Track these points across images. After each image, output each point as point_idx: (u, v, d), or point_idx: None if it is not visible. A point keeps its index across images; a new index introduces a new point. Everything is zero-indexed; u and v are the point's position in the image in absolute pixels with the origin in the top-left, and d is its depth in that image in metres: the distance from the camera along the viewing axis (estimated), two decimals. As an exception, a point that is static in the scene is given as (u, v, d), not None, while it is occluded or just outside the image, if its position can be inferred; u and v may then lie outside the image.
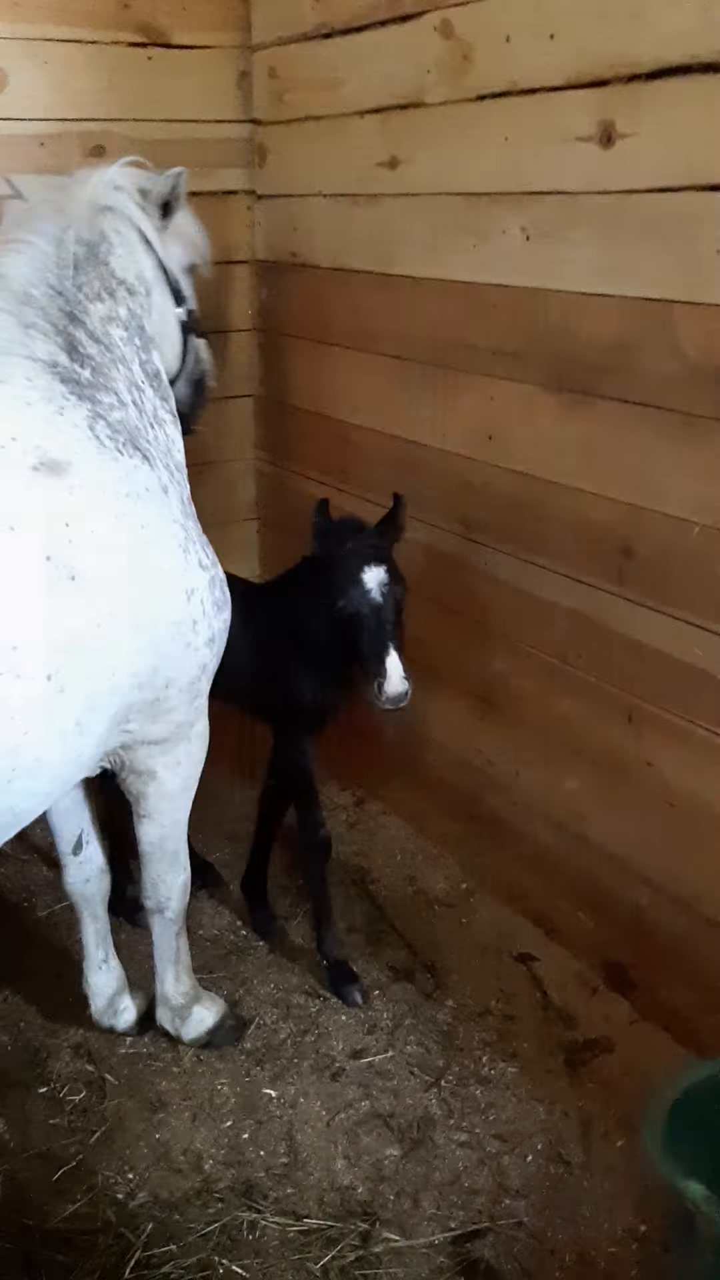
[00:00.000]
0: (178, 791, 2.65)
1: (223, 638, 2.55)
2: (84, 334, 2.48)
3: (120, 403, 2.43)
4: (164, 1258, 2.42)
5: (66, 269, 2.55)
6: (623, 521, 2.84)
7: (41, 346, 2.38)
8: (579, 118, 2.73)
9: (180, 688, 2.44)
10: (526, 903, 3.45)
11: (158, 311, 2.77)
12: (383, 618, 2.81)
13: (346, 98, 3.54)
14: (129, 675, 2.28)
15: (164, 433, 2.56)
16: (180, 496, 2.48)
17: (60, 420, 2.26)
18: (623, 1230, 2.53)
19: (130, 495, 2.29)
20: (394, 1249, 2.47)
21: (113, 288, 2.62)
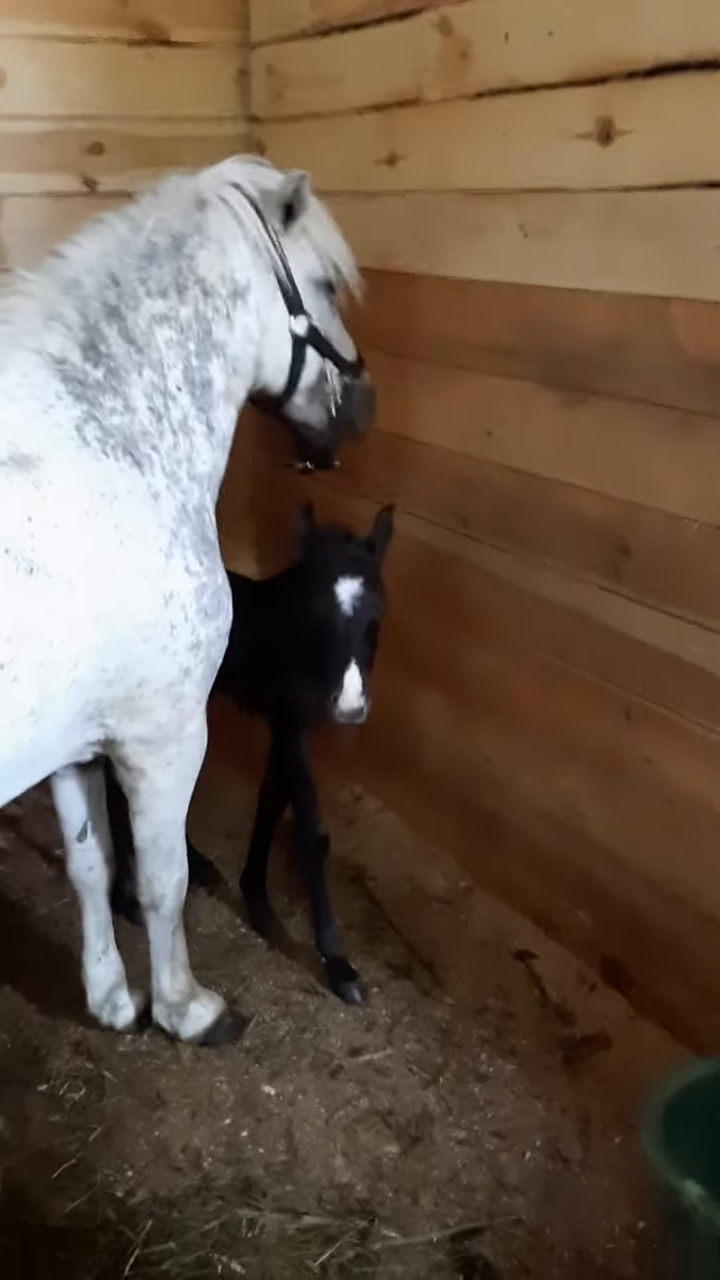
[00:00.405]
0: (170, 790, 2.66)
1: (215, 645, 2.54)
2: (115, 331, 2.45)
3: (126, 408, 2.42)
4: (163, 1255, 2.42)
5: (138, 258, 2.52)
6: (620, 518, 2.84)
7: (55, 340, 2.39)
8: (577, 115, 2.73)
9: (157, 689, 2.44)
10: (524, 900, 3.46)
11: (258, 319, 2.67)
12: (350, 630, 2.79)
13: (345, 95, 3.54)
14: (94, 670, 2.30)
15: (188, 442, 2.54)
16: (179, 505, 2.46)
17: (43, 418, 2.29)
18: (620, 1227, 2.54)
19: (106, 495, 2.30)
20: (392, 1246, 2.47)
21: (185, 285, 2.55)
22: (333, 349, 2.83)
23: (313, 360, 2.80)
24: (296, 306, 2.72)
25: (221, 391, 2.63)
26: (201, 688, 2.57)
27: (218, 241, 2.59)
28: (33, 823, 3.89)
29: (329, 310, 2.84)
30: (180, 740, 2.58)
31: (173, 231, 2.56)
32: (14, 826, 3.90)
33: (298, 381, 2.80)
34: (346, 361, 2.88)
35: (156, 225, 2.55)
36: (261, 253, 2.65)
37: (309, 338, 2.76)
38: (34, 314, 2.42)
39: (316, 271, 2.77)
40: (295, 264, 2.71)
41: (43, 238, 3.65)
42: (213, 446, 2.61)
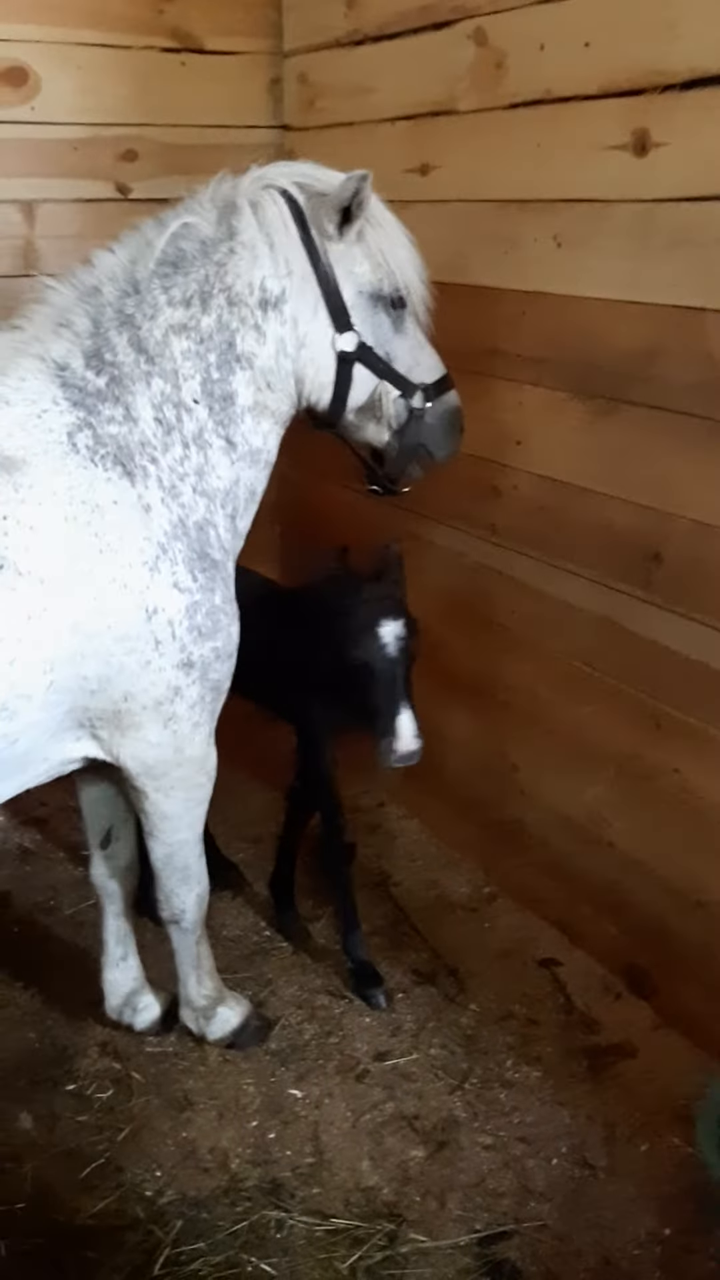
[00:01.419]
0: (175, 814, 2.64)
1: (213, 666, 2.48)
2: (124, 340, 2.40)
3: (127, 417, 2.38)
4: (193, 1255, 2.45)
5: (164, 265, 2.43)
6: (651, 527, 2.85)
7: (59, 347, 2.39)
8: (612, 126, 2.74)
9: (144, 705, 2.42)
10: (549, 908, 3.47)
11: (294, 332, 2.51)
12: (397, 674, 2.75)
13: (377, 104, 3.56)
14: (74, 677, 2.30)
15: (201, 456, 2.46)
16: (174, 519, 2.40)
17: (35, 422, 2.30)
18: (646, 1233, 2.55)
19: (88, 504, 2.29)
20: (420, 1249, 2.49)
21: (209, 294, 2.44)
22: (391, 369, 2.62)
23: (363, 380, 2.61)
24: (343, 322, 2.53)
25: (248, 406, 2.51)
26: (200, 711, 2.51)
27: (249, 248, 2.45)
28: (58, 823, 3.92)
29: (390, 327, 2.61)
30: (180, 764, 2.54)
31: (203, 237, 2.46)
32: (40, 827, 3.93)
33: (344, 402, 2.62)
34: (411, 383, 2.66)
35: (186, 231, 2.46)
36: (299, 261, 2.48)
37: (358, 355, 2.57)
38: (45, 320, 2.43)
39: (372, 284, 2.56)
40: (347, 275, 2.52)
41: (75, 243, 3.73)
42: (232, 462, 2.52)
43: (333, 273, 2.51)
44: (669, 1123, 2.79)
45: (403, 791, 4.07)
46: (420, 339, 2.70)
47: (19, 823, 3.96)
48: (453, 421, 2.79)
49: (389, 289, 2.57)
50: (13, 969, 3.29)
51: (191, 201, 2.52)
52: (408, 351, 2.66)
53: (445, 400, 2.76)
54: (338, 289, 2.52)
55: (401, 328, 2.64)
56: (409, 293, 2.60)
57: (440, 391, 2.74)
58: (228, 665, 2.54)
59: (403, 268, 2.58)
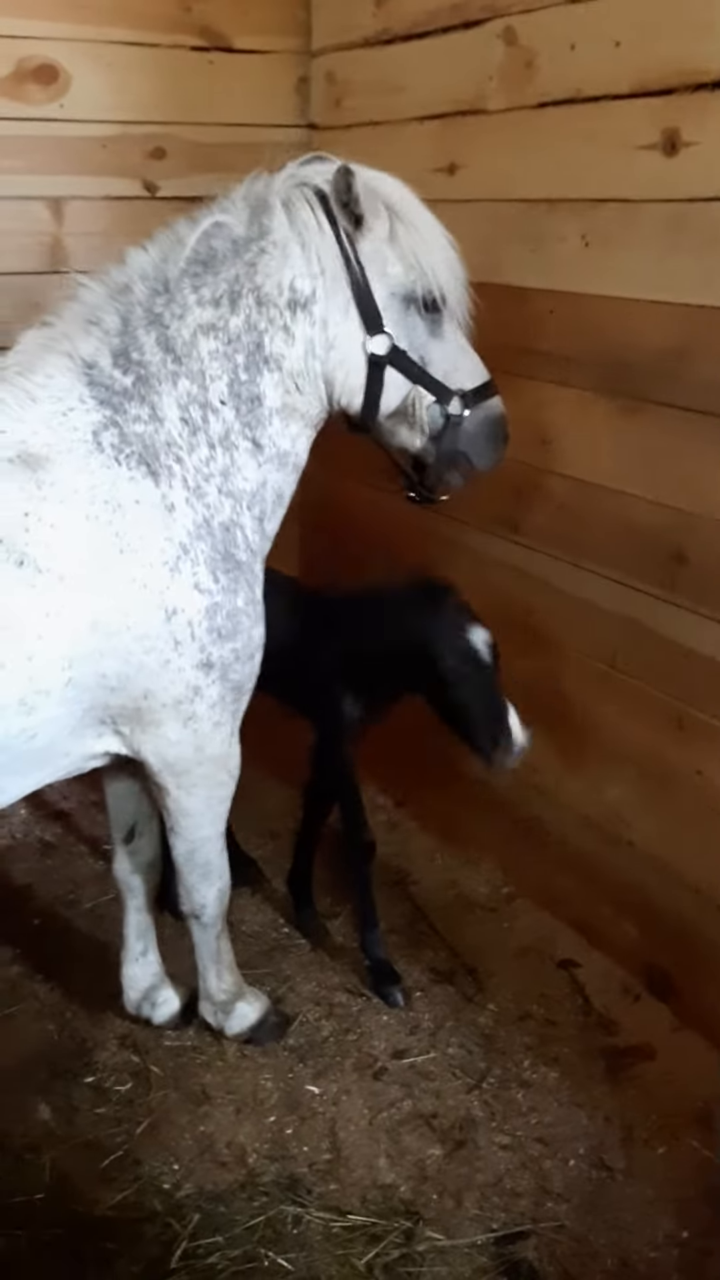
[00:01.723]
0: (196, 811, 2.64)
1: (233, 668, 2.47)
2: (152, 339, 2.38)
3: (153, 417, 2.37)
4: (210, 1248, 2.45)
5: (195, 264, 2.41)
6: (675, 527, 2.84)
7: (88, 345, 2.38)
8: (642, 126, 2.74)
9: (163, 703, 2.42)
10: (568, 908, 3.46)
11: (324, 334, 2.46)
12: (493, 677, 2.81)
13: (406, 103, 3.56)
14: (93, 675, 2.30)
15: (227, 457, 2.45)
16: (198, 519, 2.40)
17: (60, 420, 2.31)
18: (664, 1236, 2.54)
19: (110, 503, 2.29)
20: (437, 1248, 2.49)
21: (239, 294, 2.41)
22: (426, 374, 2.55)
23: (396, 384, 2.54)
24: (374, 324, 2.47)
25: (275, 408, 2.48)
26: (221, 711, 2.50)
27: (280, 247, 2.41)
28: (80, 817, 3.94)
29: (425, 330, 2.53)
30: (201, 763, 2.54)
31: (234, 236, 2.43)
32: (61, 821, 3.94)
33: (377, 406, 2.56)
34: (448, 389, 2.58)
35: (217, 230, 2.43)
36: (331, 261, 2.43)
37: (390, 359, 2.50)
38: (75, 318, 2.42)
39: (405, 286, 2.49)
40: (379, 276, 2.46)
41: (103, 241, 3.76)
42: (259, 464, 2.50)
43: (364, 274, 2.45)
44: (688, 1125, 2.78)
45: (422, 790, 4.07)
46: (460, 343, 2.62)
47: (41, 816, 3.98)
48: (494, 430, 2.69)
49: (422, 291, 2.50)
50: (34, 962, 3.31)
51: (225, 200, 2.49)
52: (445, 356, 2.58)
53: (486, 407, 2.66)
54: (369, 290, 2.46)
55: (438, 331, 2.56)
56: (445, 296, 2.52)
57: (481, 398, 2.64)
58: (249, 666, 2.53)
59: (437, 270, 2.49)
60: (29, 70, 3.59)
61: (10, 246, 3.67)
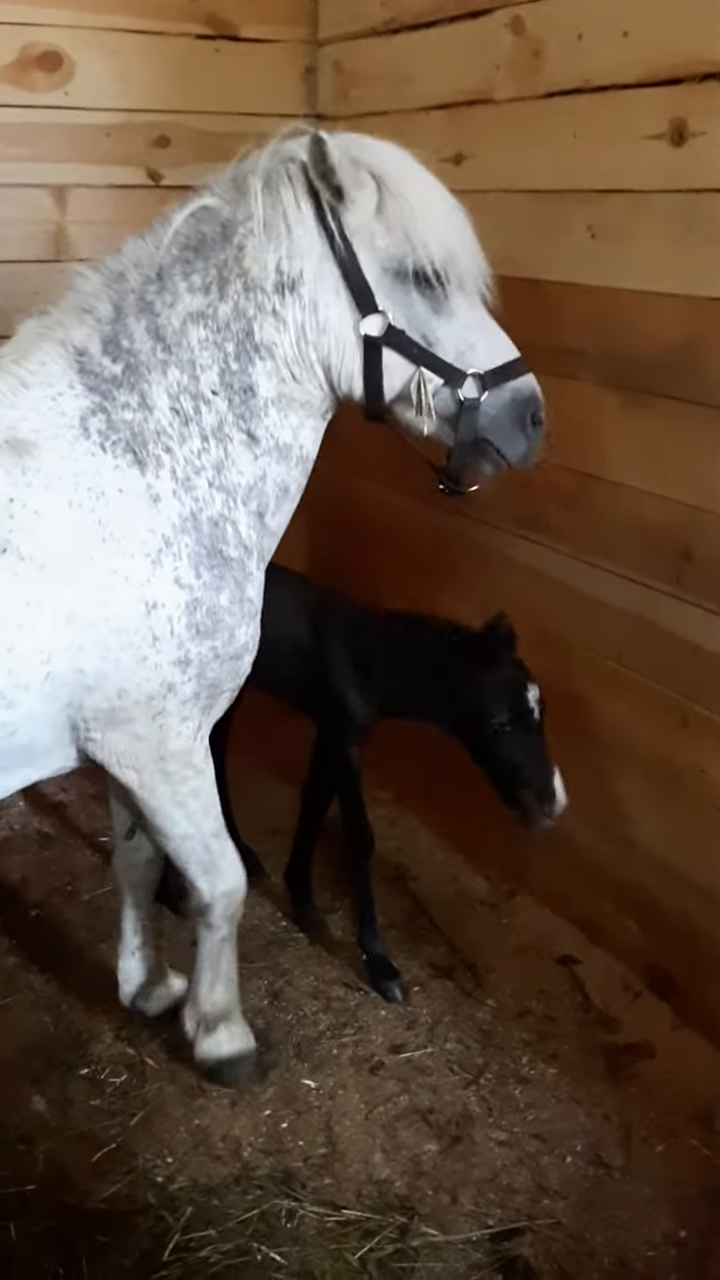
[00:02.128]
0: (164, 808, 2.53)
1: (210, 666, 2.39)
2: (142, 327, 2.33)
3: (142, 405, 2.31)
4: (203, 1242, 2.44)
5: (186, 250, 2.33)
6: (683, 523, 2.82)
7: (80, 333, 2.35)
8: (650, 116, 2.71)
9: (136, 700, 2.35)
10: (569, 905, 3.44)
11: (315, 317, 2.34)
12: (541, 737, 2.81)
13: (413, 93, 3.53)
14: (71, 670, 2.26)
15: (220, 450, 2.37)
16: (184, 512, 2.33)
17: (49, 405, 2.28)
18: (662, 1235, 2.52)
19: (93, 490, 2.25)
20: (432, 1244, 2.47)
21: (227, 279, 2.32)
22: (429, 354, 2.36)
23: (396, 367, 2.37)
24: (366, 303, 2.32)
25: (271, 399, 2.39)
26: (191, 707, 2.41)
27: (268, 227, 2.29)
28: (78, 809, 3.93)
29: (426, 307, 2.35)
30: (161, 758, 2.44)
31: (223, 219, 2.33)
32: (59, 813, 3.93)
33: (380, 392, 2.40)
34: (457, 370, 2.37)
35: (205, 214, 2.34)
36: (315, 239, 2.30)
37: (386, 340, 2.34)
38: (70, 306, 2.39)
39: (396, 260, 2.31)
40: (368, 251, 2.31)
41: (107, 229, 3.73)
42: (255, 457, 2.41)
43: (350, 250, 2.30)
44: (687, 1124, 2.76)
45: (423, 786, 4.05)
46: (475, 319, 2.41)
47: (39, 808, 3.96)
48: (519, 413, 2.45)
49: (414, 265, 2.31)
50: (30, 953, 3.29)
51: (214, 182, 2.40)
52: (454, 334, 2.38)
53: (510, 389, 2.43)
54: (358, 267, 2.31)
55: (442, 307, 2.37)
56: (443, 269, 2.32)
57: (503, 379, 2.41)
58: (231, 666, 2.45)
59: (429, 241, 2.29)
60: (33, 57, 3.56)
61: (13, 235, 3.64)
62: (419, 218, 2.30)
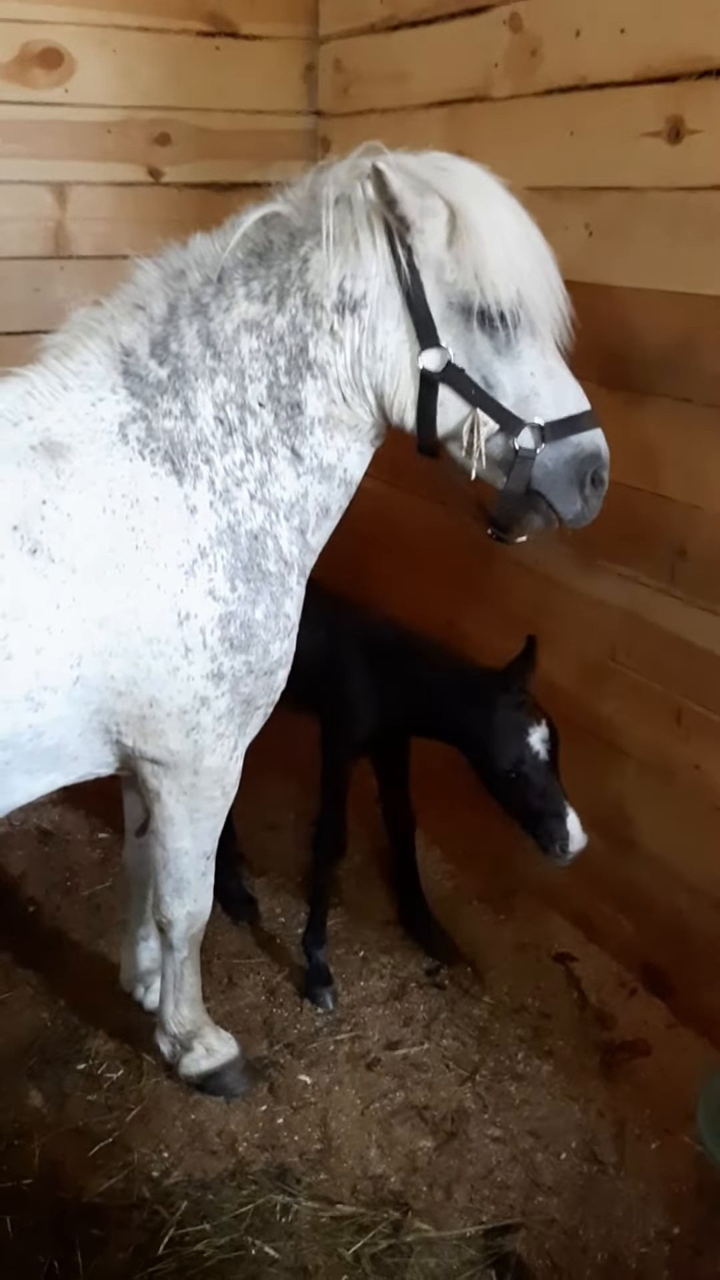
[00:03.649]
0: (179, 819, 2.51)
1: (244, 681, 2.36)
2: (193, 331, 2.27)
3: (185, 413, 2.27)
4: (197, 1236, 2.45)
5: (250, 255, 2.29)
6: (677, 520, 2.82)
7: (130, 331, 2.30)
8: (647, 113, 2.71)
9: (168, 712, 2.32)
10: (565, 903, 3.44)
11: (373, 343, 2.26)
12: (552, 777, 2.77)
13: (412, 90, 3.53)
14: (102, 675, 2.24)
15: (265, 463, 2.32)
16: (222, 524, 2.29)
17: (88, 410, 2.25)
18: (655, 1232, 2.53)
19: (128, 497, 2.22)
20: (425, 1239, 2.48)
21: (288, 291, 2.26)
22: (487, 397, 2.26)
23: (452, 406, 2.28)
24: (428, 336, 2.23)
25: (318, 418, 2.33)
26: (227, 724, 2.40)
27: (337, 243, 2.22)
28: (78, 805, 3.93)
29: (490, 348, 2.25)
30: (196, 773, 2.44)
31: (292, 228, 2.27)
32: (59, 809, 3.94)
33: (432, 428, 2.31)
34: (515, 418, 2.27)
35: (276, 220, 2.28)
36: (383, 264, 2.22)
37: (443, 376, 2.25)
38: (124, 300, 2.34)
39: (463, 296, 2.21)
40: (436, 283, 2.22)
41: (106, 226, 3.75)
42: (298, 475, 2.36)
43: (417, 279, 2.21)
44: (681, 1121, 2.76)
45: (420, 783, 4.05)
46: (544, 366, 2.30)
47: (38, 804, 3.92)
48: (577, 471, 2.33)
49: (481, 303, 2.20)
50: (28, 948, 3.30)
51: (289, 188, 2.33)
52: (517, 379, 2.27)
53: (572, 444, 2.31)
54: (424, 298, 2.22)
55: (507, 351, 2.25)
56: (516, 309, 2.21)
57: (565, 433, 2.30)
58: (266, 682, 2.41)
59: (500, 281, 2.19)
60: (34, 54, 3.57)
61: (13, 232, 3.65)
62: (490, 255, 2.19)
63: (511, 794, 2.80)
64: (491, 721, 2.77)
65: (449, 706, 2.89)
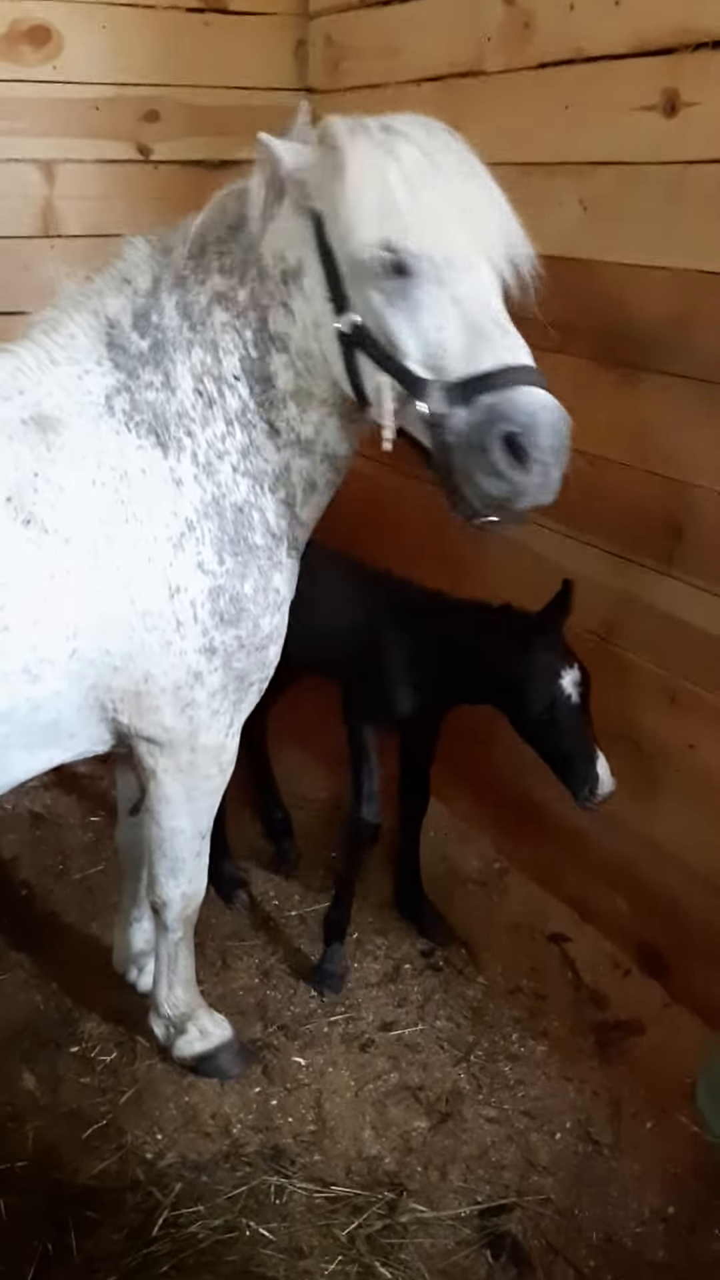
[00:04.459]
0: (176, 799, 2.51)
1: (237, 656, 2.36)
2: (173, 304, 2.27)
3: (166, 385, 2.27)
4: (191, 1218, 2.44)
5: (228, 229, 2.26)
6: (672, 499, 2.80)
7: (116, 304, 2.31)
8: (642, 86, 2.68)
9: (162, 687, 2.33)
10: (560, 884, 3.44)
11: (312, 310, 2.19)
12: (584, 721, 2.74)
13: (403, 66, 3.49)
14: (97, 649, 2.25)
15: (245, 436, 2.30)
16: (206, 497, 2.28)
17: (76, 383, 2.27)
18: (650, 1211, 2.53)
19: (116, 469, 2.24)
20: (420, 1219, 2.48)
21: (248, 264, 2.24)
22: (388, 357, 2.07)
23: (367, 370, 2.13)
24: (340, 297, 2.12)
25: (289, 391, 2.28)
26: (221, 700, 2.39)
27: (280, 216, 2.18)
28: (69, 789, 3.92)
29: (384, 300, 2.05)
30: (193, 750, 2.44)
31: (262, 199, 2.22)
32: (51, 793, 3.92)
33: (363, 396, 2.18)
34: (418, 377, 2.05)
35: (243, 195, 2.22)
36: (308, 229, 2.14)
37: (355, 338, 2.11)
38: (113, 274, 2.35)
39: (356, 250, 2.03)
40: (339, 240, 2.09)
41: (95, 204, 3.71)
42: (278, 448, 2.33)
43: (325, 241, 2.12)
44: (676, 1100, 2.77)
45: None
46: (460, 316, 2.03)
47: (30, 788, 3.94)
48: (489, 437, 1.98)
49: (356, 252, 2.03)
50: (21, 932, 3.29)
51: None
52: (419, 334, 2.04)
53: (479, 406, 2.00)
54: (332, 259, 2.12)
55: (402, 301, 2.04)
56: (407, 255, 2.00)
57: (475, 392, 2.00)
58: (257, 657, 2.41)
59: (366, 222, 1.99)
60: (22, 31, 3.52)
61: (1, 210, 3.61)
62: (356, 197, 2.00)
63: (544, 737, 2.78)
64: (527, 662, 2.75)
65: (485, 651, 2.86)
